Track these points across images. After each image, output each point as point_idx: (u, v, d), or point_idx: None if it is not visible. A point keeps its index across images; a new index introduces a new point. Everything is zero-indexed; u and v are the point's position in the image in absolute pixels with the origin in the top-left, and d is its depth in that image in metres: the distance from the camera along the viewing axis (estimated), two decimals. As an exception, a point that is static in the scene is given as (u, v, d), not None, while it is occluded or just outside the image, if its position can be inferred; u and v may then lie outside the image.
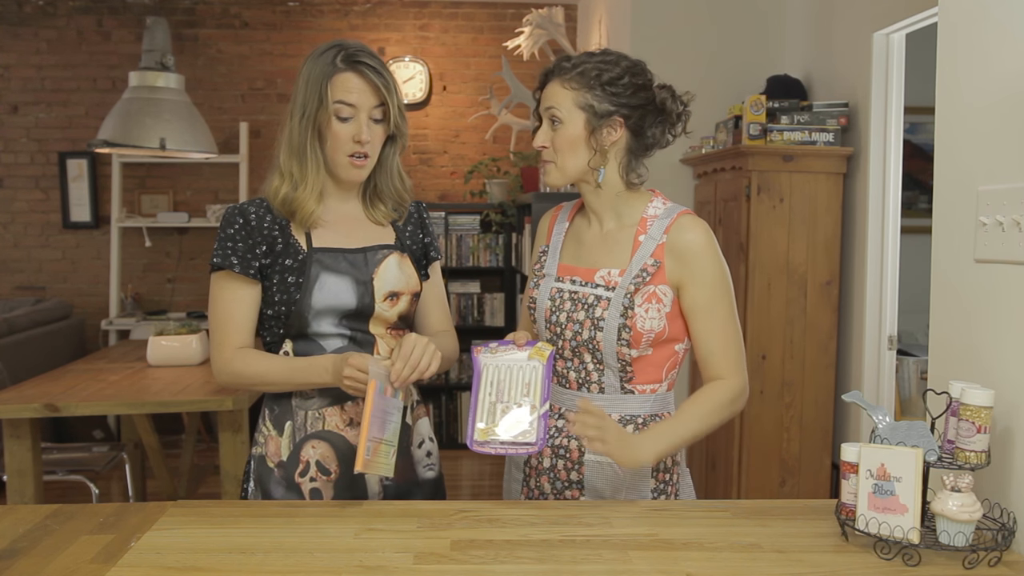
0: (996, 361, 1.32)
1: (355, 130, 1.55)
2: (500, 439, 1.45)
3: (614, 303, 1.51)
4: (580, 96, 1.52)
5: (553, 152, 1.56)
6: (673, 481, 1.59)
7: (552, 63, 1.58)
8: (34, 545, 1.27)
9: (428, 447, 1.71)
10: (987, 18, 1.36)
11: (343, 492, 1.59)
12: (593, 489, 1.57)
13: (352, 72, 1.55)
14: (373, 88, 1.55)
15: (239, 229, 1.57)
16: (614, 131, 1.54)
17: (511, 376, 1.52)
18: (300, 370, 1.54)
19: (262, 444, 1.64)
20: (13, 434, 2.69)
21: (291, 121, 1.58)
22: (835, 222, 3.22)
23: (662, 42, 3.77)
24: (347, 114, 1.55)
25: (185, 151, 3.51)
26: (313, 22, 5.35)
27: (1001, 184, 1.32)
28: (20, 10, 5.23)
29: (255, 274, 1.57)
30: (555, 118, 1.54)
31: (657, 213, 1.57)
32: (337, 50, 1.56)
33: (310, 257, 1.57)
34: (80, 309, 5.35)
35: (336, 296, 1.56)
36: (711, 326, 1.53)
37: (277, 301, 1.57)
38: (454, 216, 5.22)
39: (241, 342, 1.59)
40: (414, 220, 1.73)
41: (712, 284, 1.53)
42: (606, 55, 1.55)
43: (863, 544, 1.26)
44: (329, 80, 1.54)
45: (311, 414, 1.60)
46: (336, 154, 1.57)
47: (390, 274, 1.62)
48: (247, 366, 1.57)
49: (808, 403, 3.26)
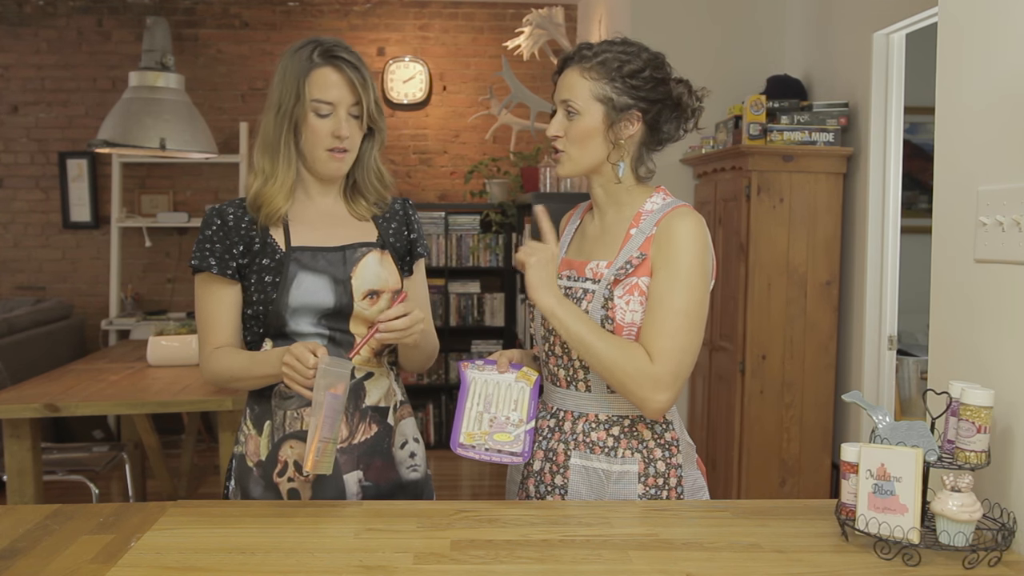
0: (996, 361, 1.32)
1: (334, 125, 1.56)
2: (485, 445, 1.46)
3: (596, 295, 1.50)
4: (599, 87, 1.50)
5: (566, 142, 1.54)
6: (670, 485, 1.54)
7: (572, 49, 1.55)
8: (34, 545, 1.27)
9: (412, 448, 1.69)
10: (987, 18, 1.36)
11: (321, 493, 1.59)
12: (577, 495, 1.55)
13: (330, 67, 1.55)
14: (350, 84, 1.56)
15: (216, 230, 1.58)
16: (631, 125, 1.52)
17: (499, 391, 1.54)
18: (257, 363, 1.54)
19: (243, 443, 1.65)
20: (13, 434, 2.69)
21: (266, 117, 1.59)
22: (835, 222, 3.22)
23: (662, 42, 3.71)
24: (326, 111, 1.55)
25: (185, 151, 3.51)
26: (313, 22, 5.35)
27: (1001, 184, 1.32)
28: (20, 10, 5.23)
29: (233, 274, 1.58)
30: (571, 109, 1.51)
31: (653, 208, 1.54)
32: (314, 46, 1.56)
33: (288, 256, 1.57)
34: (80, 309, 5.36)
35: (313, 295, 1.56)
36: (660, 314, 1.44)
37: (255, 300, 1.58)
38: (454, 216, 5.22)
39: (222, 341, 1.59)
40: (399, 217, 1.72)
41: (676, 272, 1.44)
42: (628, 45, 1.52)
43: (863, 544, 1.26)
44: (307, 76, 1.54)
45: (289, 414, 1.59)
46: (315, 149, 1.58)
47: (369, 272, 1.61)
48: (218, 363, 1.58)
49: (808, 403, 3.26)
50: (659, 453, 1.54)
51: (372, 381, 1.63)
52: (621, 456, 1.53)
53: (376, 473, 1.62)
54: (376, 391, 1.63)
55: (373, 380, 1.63)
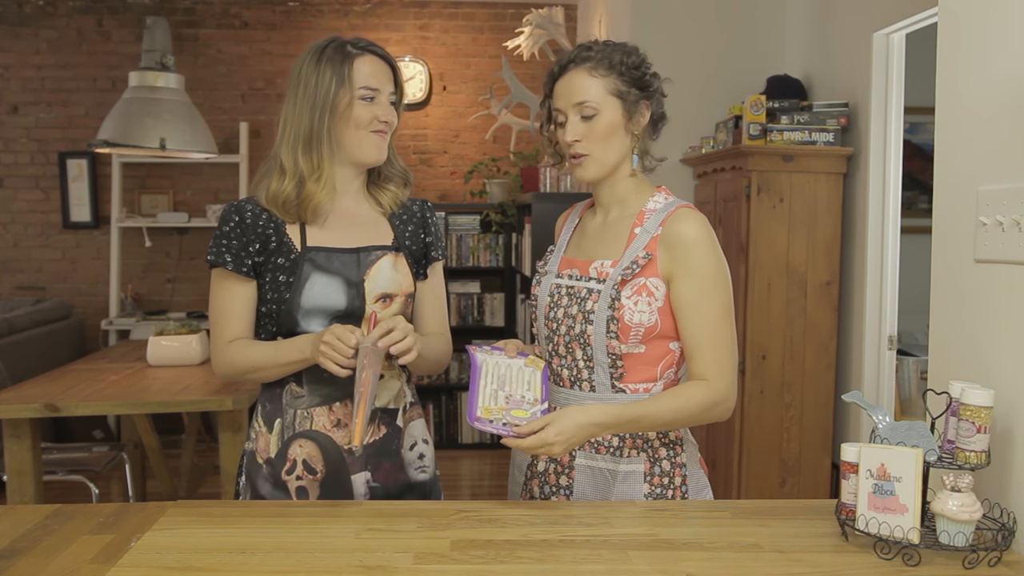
0: (996, 361, 1.32)
1: (380, 110, 1.59)
2: (503, 420, 1.45)
3: (603, 295, 1.50)
4: (611, 83, 1.51)
5: (589, 144, 1.52)
6: (675, 484, 1.55)
7: (568, 54, 1.55)
8: (34, 545, 1.27)
9: (421, 449, 1.70)
10: (987, 18, 1.36)
11: (329, 492, 1.59)
12: (582, 495, 1.56)
13: (371, 55, 1.60)
14: (389, 72, 1.62)
15: (234, 227, 1.59)
16: (644, 116, 1.55)
17: (511, 373, 1.54)
18: (283, 350, 1.55)
19: (253, 440, 1.65)
20: (13, 434, 2.69)
21: (297, 114, 1.58)
22: (835, 222, 3.22)
23: (662, 42, 3.77)
24: (372, 95, 1.58)
25: (185, 151, 3.51)
26: (313, 22, 5.35)
27: (1001, 184, 1.32)
28: (20, 10, 5.23)
29: (248, 272, 1.58)
30: (589, 110, 1.51)
31: (656, 207, 1.55)
32: (341, 40, 1.60)
33: (303, 256, 1.57)
34: (80, 309, 5.35)
35: (326, 296, 1.56)
36: (699, 322, 1.47)
37: (269, 299, 1.58)
38: (454, 216, 5.22)
39: (236, 336, 1.60)
40: (416, 219, 1.72)
41: (703, 277, 1.48)
42: (616, 43, 1.55)
43: (863, 544, 1.26)
44: (351, 64, 1.57)
45: (300, 412, 1.60)
46: (359, 132, 1.59)
47: (383, 276, 1.61)
48: (237, 354, 1.58)
49: (808, 403, 3.26)
50: (664, 452, 1.55)
51: (383, 383, 1.63)
52: (627, 456, 1.54)
53: (384, 474, 1.63)
54: (386, 393, 1.64)
55: (384, 382, 1.63)
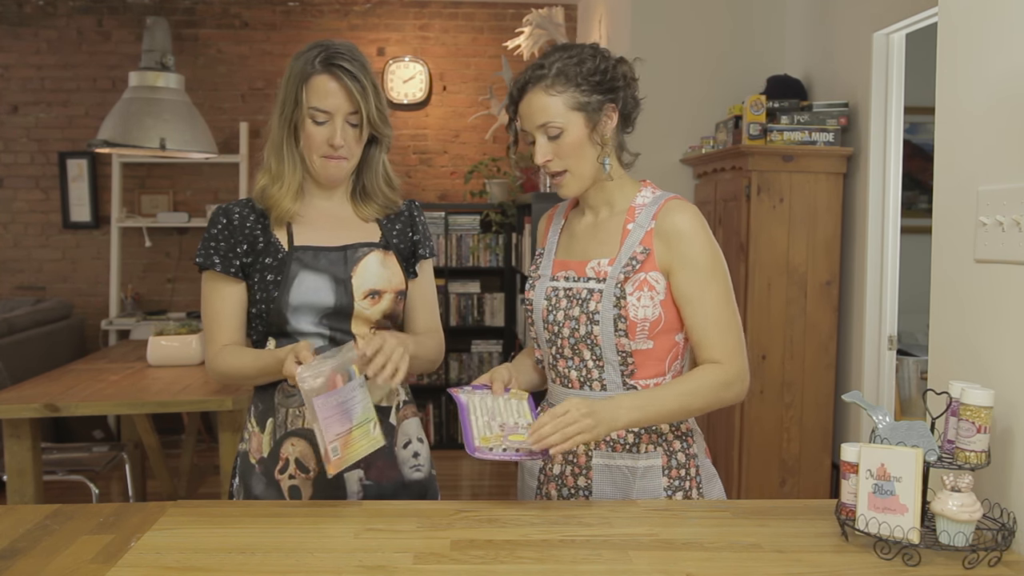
0: (996, 361, 1.32)
1: (329, 133, 1.56)
2: (503, 446, 1.45)
3: (606, 294, 1.51)
4: (569, 97, 1.49)
5: (562, 162, 1.53)
6: (691, 476, 1.57)
7: (523, 75, 1.53)
8: (34, 545, 1.27)
9: (415, 447, 1.70)
10: (987, 18, 1.36)
11: (322, 490, 1.59)
12: (602, 494, 1.56)
13: (328, 75, 1.54)
14: (347, 93, 1.54)
15: (222, 229, 1.60)
16: (611, 119, 1.54)
17: (498, 405, 1.54)
18: (262, 362, 1.55)
19: (247, 440, 1.66)
20: (13, 434, 2.69)
21: (273, 118, 1.61)
22: (835, 222, 3.22)
23: (662, 42, 3.76)
24: (322, 119, 1.55)
25: (185, 151, 3.51)
26: (313, 22, 5.35)
27: (1001, 184, 1.32)
28: (20, 10, 5.23)
29: (236, 272, 1.60)
30: (553, 129, 1.50)
31: (645, 201, 1.56)
32: (319, 51, 1.55)
33: (290, 255, 1.58)
34: (80, 309, 5.35)
35: (314, 293, 1.56)
36: (703, 311, 1.49)
37: (258, 299, 1.59)
38: (454, 216, 5.22)
39: (228, 339, 1.61)
40: (404, 218, 1.72)
41: (702, 267, 1.49)
42: (568, 50, 1.52)
43: (863, 544, 1.26)
44: (306, 82, 1.54)
45: (291, 411, 1.60)
46: (310, 154, 1.59)
47: (370, 272, 1.61)
48: (225, 362, 1.59)
49: (808, 403, 3.26)
50: (678, 445, 1.56)
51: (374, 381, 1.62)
52: (644, 451, 1.54)
53: (378, 472, 1.63)
54: (378, 391, 1.63)
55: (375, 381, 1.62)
